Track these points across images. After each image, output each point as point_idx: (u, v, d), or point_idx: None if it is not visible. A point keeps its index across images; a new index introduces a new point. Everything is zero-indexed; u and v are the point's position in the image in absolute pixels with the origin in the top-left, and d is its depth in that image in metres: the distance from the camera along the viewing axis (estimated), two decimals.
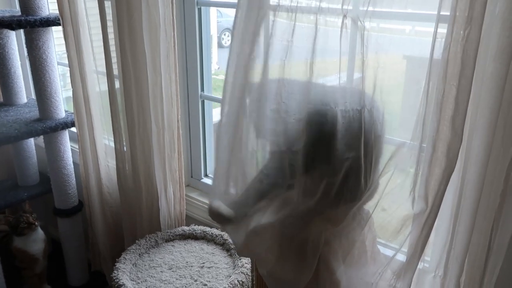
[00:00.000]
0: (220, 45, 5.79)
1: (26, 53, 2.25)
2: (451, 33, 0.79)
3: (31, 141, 2.14)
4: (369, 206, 1.01)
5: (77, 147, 1.91)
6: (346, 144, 0.95)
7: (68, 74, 1.82)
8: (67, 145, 1.91)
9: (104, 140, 1.86)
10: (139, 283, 1.38)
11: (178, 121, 1.57)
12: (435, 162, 0.88)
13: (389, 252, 1.04)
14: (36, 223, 1.89)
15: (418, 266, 0.97)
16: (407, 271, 0.95)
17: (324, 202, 0.97)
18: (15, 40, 1.99)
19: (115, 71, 1.57)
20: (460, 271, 0.96)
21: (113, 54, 1.55)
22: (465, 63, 0.79)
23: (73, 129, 1.92)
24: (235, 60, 0.95)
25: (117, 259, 1.47)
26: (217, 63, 4.97)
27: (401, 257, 0.98)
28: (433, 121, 0.86)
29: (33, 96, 2.25)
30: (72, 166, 1.94)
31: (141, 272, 1.43)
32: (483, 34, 0.78)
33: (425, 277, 1.07)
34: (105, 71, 1.60)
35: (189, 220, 1.78)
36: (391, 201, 0.98)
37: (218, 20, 5.45)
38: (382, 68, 0.91)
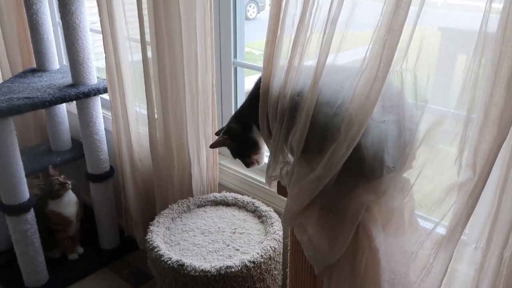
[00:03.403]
0: (245, 17, 5.67)
1: (58, 19, 2.26)
2: None
3: (63, 107, 2.17)
4: (410, 175, 0.98)
5: (109, 114, 1.93)
6: (382, 106, 0.93)
7: (98, 43, 1.81)
8: (99, 111, 1.93)
9: (135, 107, 1.86)
10: (172, 245, 1.40)
11: (212, 86, 1.55)
12: (486, 129, 0.84)
13: (427, 225, 1.02)
14: (68, 182, 1.94)
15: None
16: (449, 241, 0.93)
17: (367, 170, 0.95)
18: (48, 6, 2.00)
19: (148, 37, 1.55)
20: (504, 243, 0.93)
21: (146, 18, 1.53)
22: None
23: (105, 96, 1.93)
24: None
25: (150, 223, 1.49)
26: None
27: (441, 230, 0.96)
28: (487, 85, 0.82)
29: (65, 62, 2.27)
30: (104, 132, 1.97)
31: (174, 236, 1.45)
32: None
33: (464, 249, 1.04)
34: (136, 38, 1.59)
35: (220, 187, 1.78)
36: (435, 170, 0.95)
37: None
38: (425, 39, 0.87)
